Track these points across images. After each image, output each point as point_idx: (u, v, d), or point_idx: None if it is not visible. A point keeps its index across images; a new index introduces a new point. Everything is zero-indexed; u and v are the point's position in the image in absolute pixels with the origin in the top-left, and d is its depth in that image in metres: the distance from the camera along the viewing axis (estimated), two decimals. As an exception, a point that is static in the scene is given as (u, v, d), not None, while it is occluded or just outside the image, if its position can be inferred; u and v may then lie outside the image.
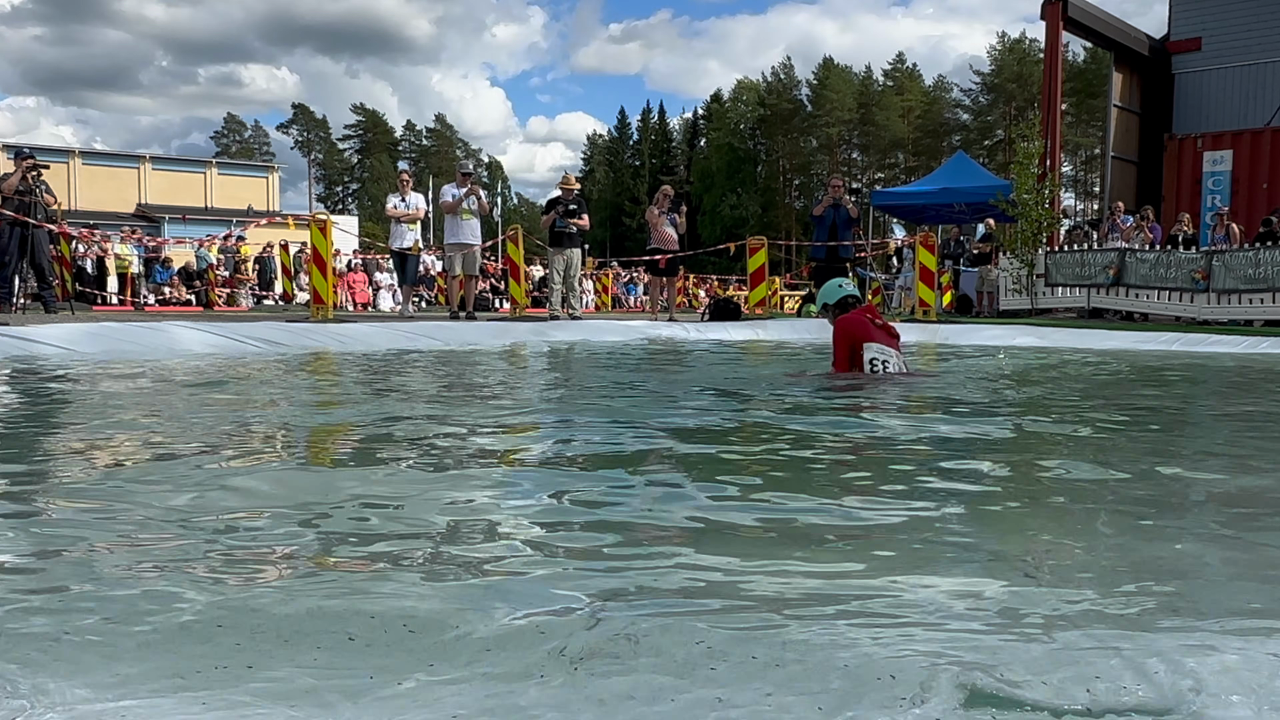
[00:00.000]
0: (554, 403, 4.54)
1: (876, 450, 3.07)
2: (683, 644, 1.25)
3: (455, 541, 1.84)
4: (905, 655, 1.21)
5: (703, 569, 1.61)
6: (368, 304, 22.64)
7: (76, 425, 3.52)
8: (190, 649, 1.24)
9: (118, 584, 1.52)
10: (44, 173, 10.42)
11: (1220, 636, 1.29)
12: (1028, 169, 14.52)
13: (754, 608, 1.42)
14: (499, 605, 1.41)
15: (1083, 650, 1.23)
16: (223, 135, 76.54)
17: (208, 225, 30.90)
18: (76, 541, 1.80)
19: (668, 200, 13.02)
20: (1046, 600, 1.45)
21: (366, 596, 1.46)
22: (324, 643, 1.26)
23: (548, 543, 1.83)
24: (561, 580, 1.56)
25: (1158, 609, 1.42)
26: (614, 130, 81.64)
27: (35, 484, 2.45)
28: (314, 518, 2.01)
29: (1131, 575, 1.60)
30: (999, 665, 1.17)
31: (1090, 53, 50.02)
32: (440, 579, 1.57)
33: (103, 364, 6.16)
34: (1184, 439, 3.70)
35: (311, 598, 1.44)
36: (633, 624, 1.32)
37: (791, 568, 1.63)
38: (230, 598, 1.45)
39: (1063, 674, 1.15)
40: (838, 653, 1.22)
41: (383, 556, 1.70)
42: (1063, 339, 10.19)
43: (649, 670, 1.17)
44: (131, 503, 2.14)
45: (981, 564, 1.67)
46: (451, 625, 1.33)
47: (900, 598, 1.47)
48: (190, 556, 1.68)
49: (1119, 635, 1.29)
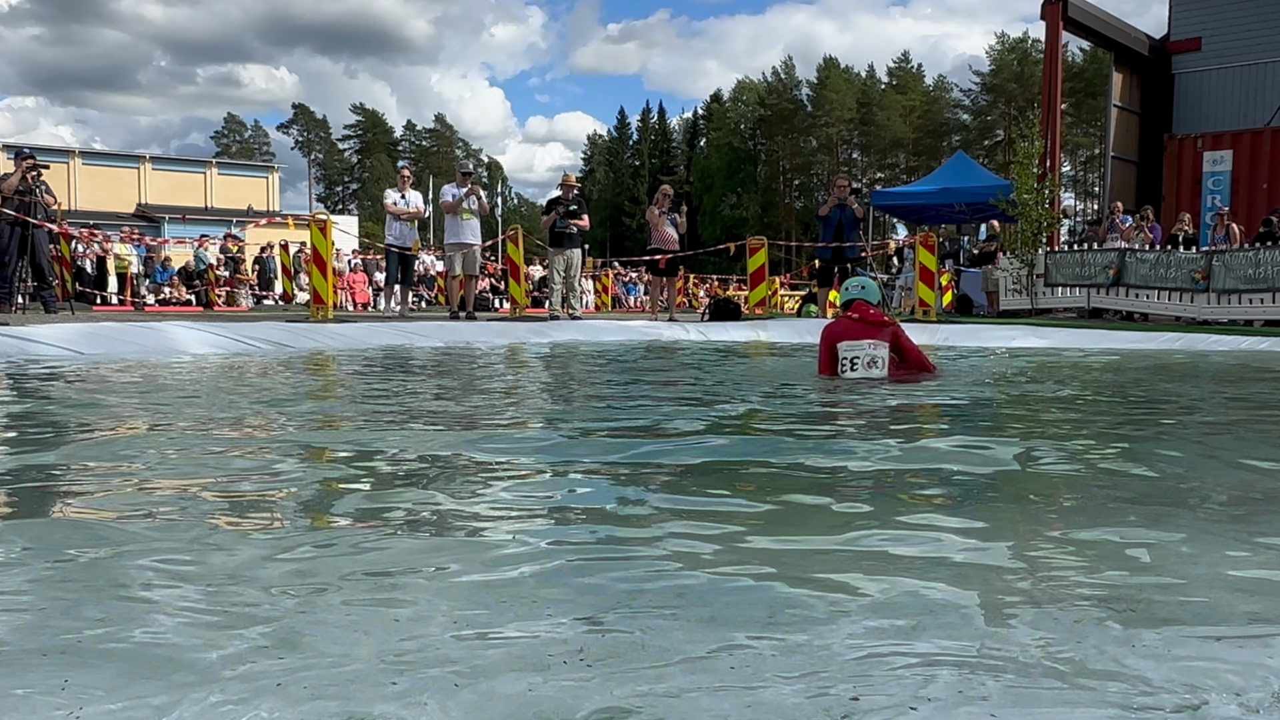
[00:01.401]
0: (553, 403, 4.54)
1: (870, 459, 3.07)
2: (683, 643, 1.25)
3: (456, 540, 1.84)
4: (906, 653, 1.21)
5: (705, 569, 1.61)
6: (368, 304, 22.63)
7: (76, 425, 3.52)
8: (173, 656, 1.24)
9: (120, 584, 1.52)
10: (44, 173, 10.42)
11: (1221, 644, 1.29)
12: (1028, 169, 14.51)
13: (758, 606, 1.42)
14: (502, 605, 1.41)
15: (1084, 650, 1.23)
16: (223, 135, 76.56)
17: (208, 225, 30.89)
18: (75, 542, 1.80)
19: (668, 200, 13.02)
20: (1045, 599, 1.45)
21: (368, 594, 1.46)
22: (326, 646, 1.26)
23: (549, 542, 1.82)
24: (565, 579, 1.55)
25: (1166, 610, 1.42)
26: (614, 130, 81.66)
27: (34, 484, 2.45)
28: (315, 517, 2.01)
29: (1135, 578, 1.60)
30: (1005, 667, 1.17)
31: (1089, 53, 50.01)
32: (442, 579, 1.57)
33: (103, 364, 6.15)
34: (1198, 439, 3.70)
35: (311, 598, 1.44)
36: (637, 622, 1.32)
37: (792, 568, 1.63)
38: (231, 597, 1.45)
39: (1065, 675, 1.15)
40: (845, 654, 1.22)
41: (384, 555, 1.70)
42: (1062, 339, 10.18)
43: (654, 671, 1.17)
44: (131, 503, 2.14)
45: (983, 565, 1.67)
46: (455, 625, 1.33)
47: (903, 595, 1.46)
48: (183, 559, 1.68)
49: (1119, 637, 1.29)
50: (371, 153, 77.64)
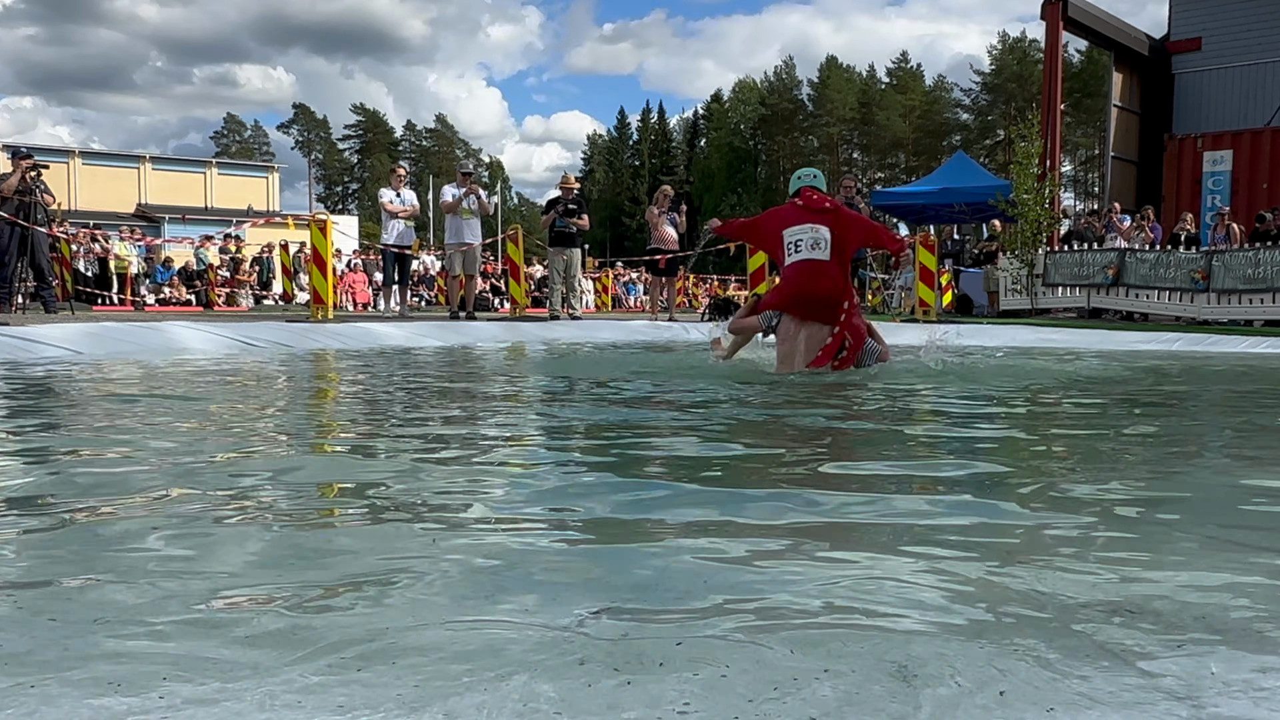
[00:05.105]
0: (553, 402, 4.54)
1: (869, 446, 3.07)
2: (681, 644, 1.25)
3: (457, 540, 1.83)
4: (907, 651, 1.21)
5: (706, 569, 1.61)
6: (368, 304, 22.64)
7: (76, 426, 3.52)
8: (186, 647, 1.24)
9: (120, 585, 1.52)
10: (43, 173, 10.43)
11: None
12: (1027, 169, 14.53)
13: (761, 605, 1.42)
14: (506, 604, 1.41)
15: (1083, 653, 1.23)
16: (222, 135, 76.65)
17: (208, 225, 30.90)
18: (73, 542, 1.80)
19: (668, 200, 13.02)
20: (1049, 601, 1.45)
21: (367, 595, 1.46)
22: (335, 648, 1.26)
23: (550, 542, 1.82)
24: (569, 579, 1.55)
25: (1175, 619, 1.42)
26: (613, 130, 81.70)
27: (33, 484, 2.45)
28: (314, 518, 2.01)
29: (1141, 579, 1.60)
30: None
31: (1085, 54, 50.01)
32: (442, 578, 1.56)
33: (103, 364, 6.15)
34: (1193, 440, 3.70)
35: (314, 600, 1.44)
36: (642, 623, 1.32)
37: (795, 568, 1.63)
38: (231, 598, 1.45)
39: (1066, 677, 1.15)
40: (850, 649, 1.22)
41: (387, 557, 1.70)
42: (1062, 339, 10.18)
43: (658, 670, 1.17)
44: (130, 503, 2.14)
45: (986, 569, 1.67)
46: (459, 625, 1.33)
47: (904, 595, 1.46)
48: (184, 559, 1.68)
49: (1117, 640, 1.29)
50: (371, 153, 77.69)
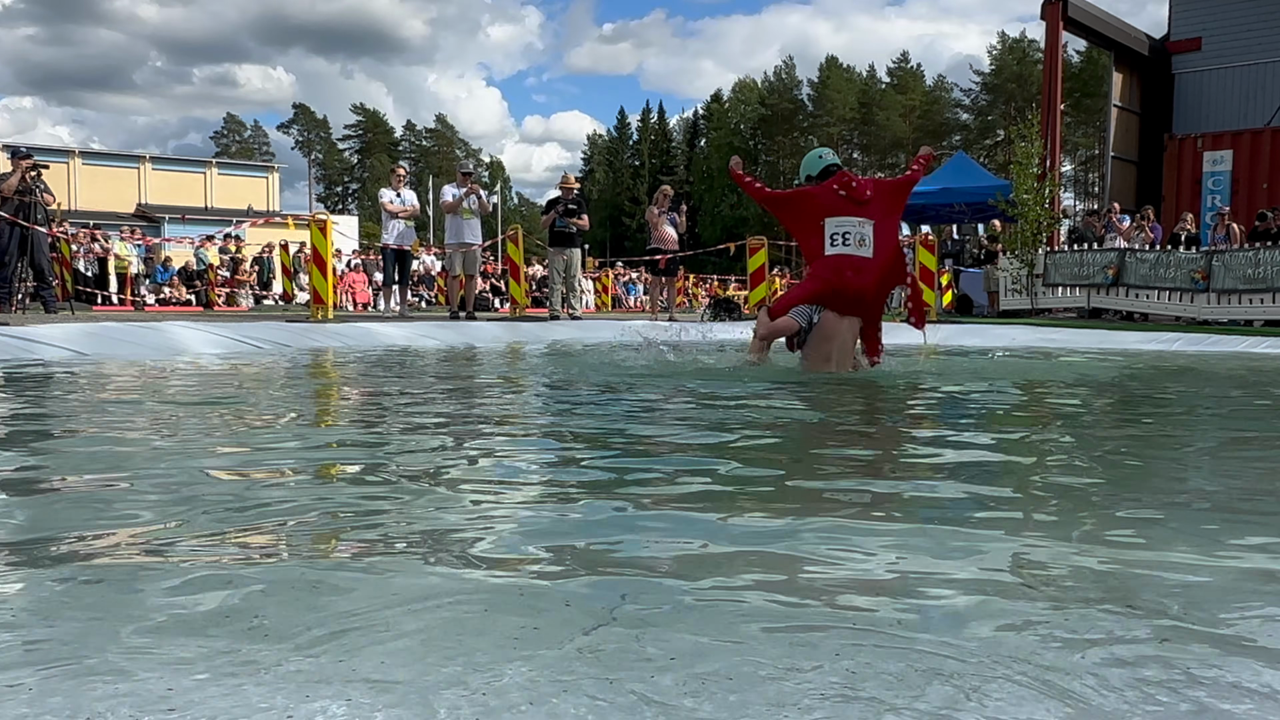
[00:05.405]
0: (553, 402, 4.54)
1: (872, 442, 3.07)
2: (699, 644, 1.25)
3: (457, 542, 1.84)
4: (905, 651, 1.21)
5: (709, 569, 1.61)
6: (368, 304, 22.65)
7: (76, 426, 3.52)
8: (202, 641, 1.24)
9: (120, 583, 1.52)
10: (43, 173, 10.43)
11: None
12: (1027, 169, 14.53)
13: (765, 605, 1.42)
14: (510, 605, 1.41)
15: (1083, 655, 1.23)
16: (222, 135, 76.65)
17: (208, 225, 30.91)
18: (75, 541, 1.80)
19: (667, 200, 13.03)
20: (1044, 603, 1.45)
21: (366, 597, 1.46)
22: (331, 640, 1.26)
23: (551, 542, 1.82)
24: (570, 580, 1.55)
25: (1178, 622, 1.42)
26: (613, 130, 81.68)
27: (32, 484, 2.45)
28: (314, 520, 2.01)
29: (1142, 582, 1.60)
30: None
31: (1086, 53, 49.98)
32: (440, 578, 1.57)
33: (104, 364, 6.15)
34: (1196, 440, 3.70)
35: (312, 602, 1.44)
36: (648, 621, 1.32)
37: (798, 566, 1.63)
38: (235, 592, 1.45)
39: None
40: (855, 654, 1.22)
41: (388, 553, 1.70)
42: (1062, 338, 10.19)
43: (663, 670, 1.17)
44: (129, 504, 2.14)
45: (987, 568, 1.68)
46: (467, 625, 1.33)
47: (904, 595, 1.46)
48: (184, 559, 1.68)
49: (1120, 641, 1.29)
50: (371, 153, 77.68)
